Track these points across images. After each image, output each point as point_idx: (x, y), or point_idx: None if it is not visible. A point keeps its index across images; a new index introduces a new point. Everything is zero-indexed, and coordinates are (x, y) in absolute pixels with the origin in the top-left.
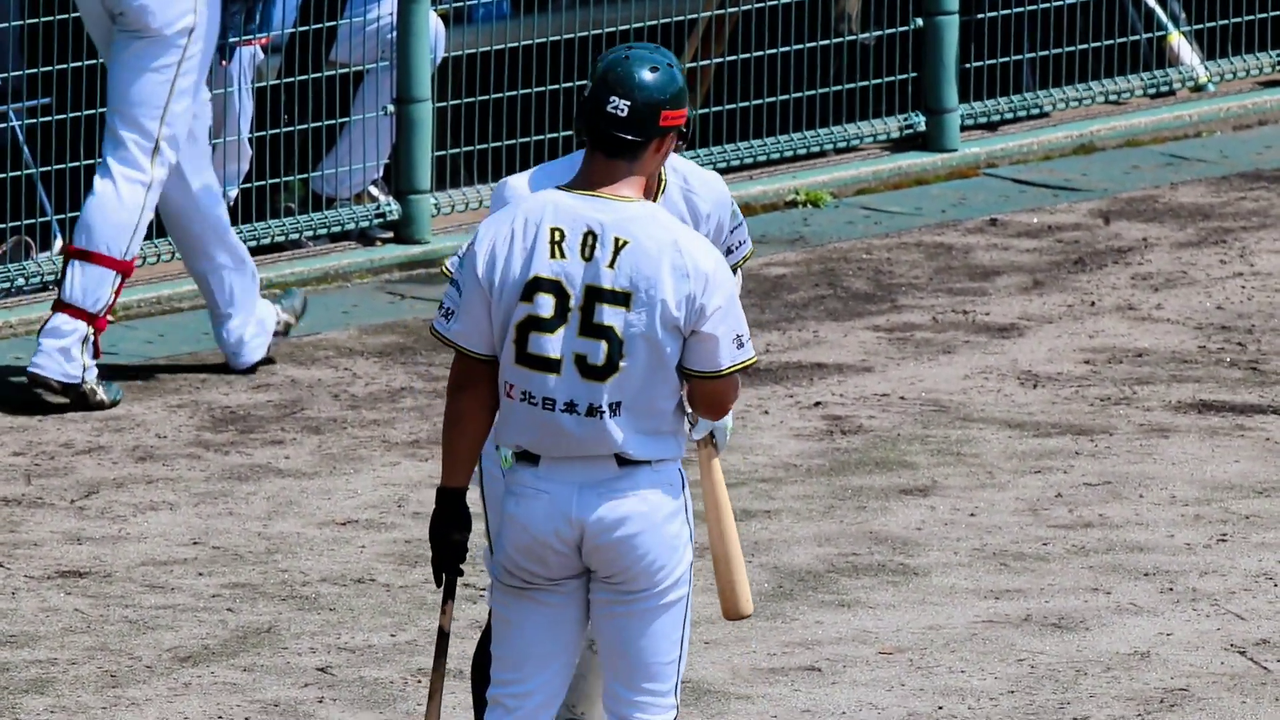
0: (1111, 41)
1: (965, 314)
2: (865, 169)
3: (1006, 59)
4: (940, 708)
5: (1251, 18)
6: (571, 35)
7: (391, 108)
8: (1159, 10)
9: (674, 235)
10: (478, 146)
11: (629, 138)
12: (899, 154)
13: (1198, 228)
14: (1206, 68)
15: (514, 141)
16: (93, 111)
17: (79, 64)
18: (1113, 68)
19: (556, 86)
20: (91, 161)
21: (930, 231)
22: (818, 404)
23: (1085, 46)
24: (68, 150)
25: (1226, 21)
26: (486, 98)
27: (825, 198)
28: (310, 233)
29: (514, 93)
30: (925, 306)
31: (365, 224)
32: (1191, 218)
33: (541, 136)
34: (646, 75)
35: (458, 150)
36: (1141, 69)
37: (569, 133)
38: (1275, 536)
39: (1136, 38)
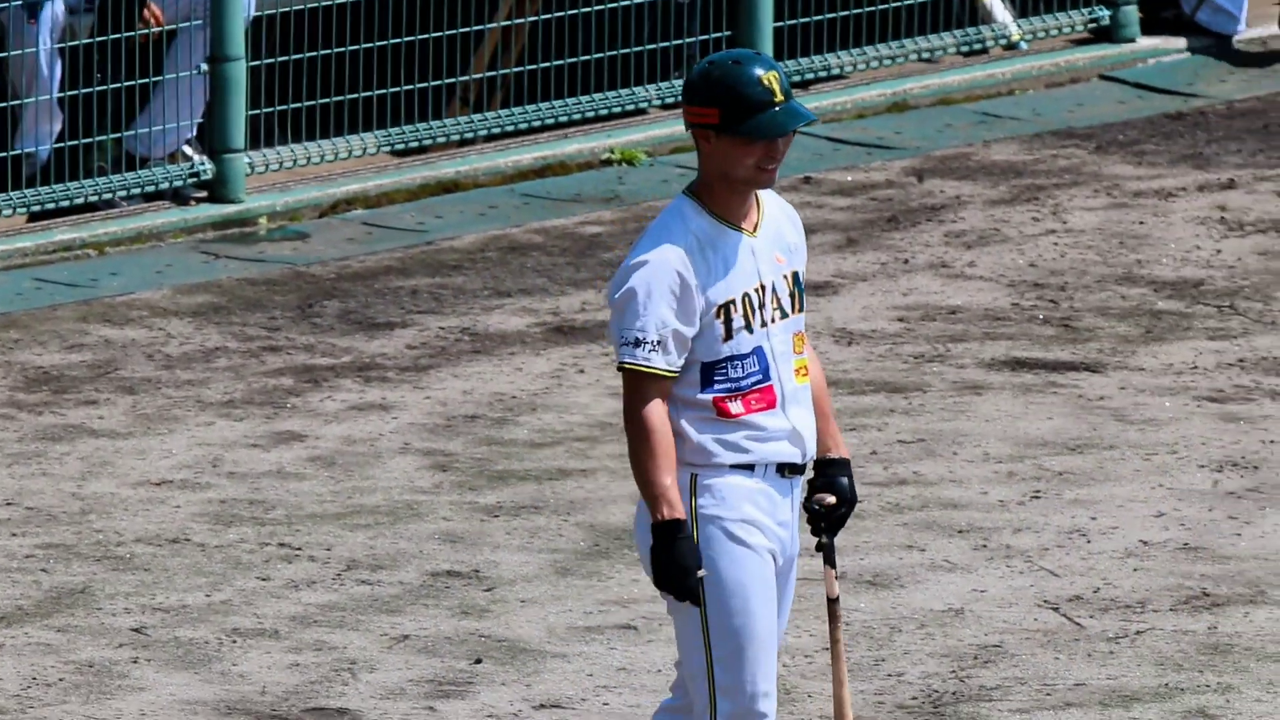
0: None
1: None
2: (680, 128)
3: (818, 18)
4: None
5: None
6: None
7: (205, 66)
8: None
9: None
10: (292, 105)
11: None
12: None
13: (1010, 185)
14: (1019, 25)
15: (329, 100)
16: None
17: None
18: (925, 25)
19: (371, 45)
20: None
21: None
22: None
23: (898, 4)
24: None
25: None
26: (301, 56)
27: (640, 156)
28: (124, 192)
29: (329, 51)
30: None
31: (179, 183)
32: (1004, 175)
33: (356, 95)
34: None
35: (272, 109)
36: (954, 27)
37: (392, 89)
38: (1088, 493)
39: None
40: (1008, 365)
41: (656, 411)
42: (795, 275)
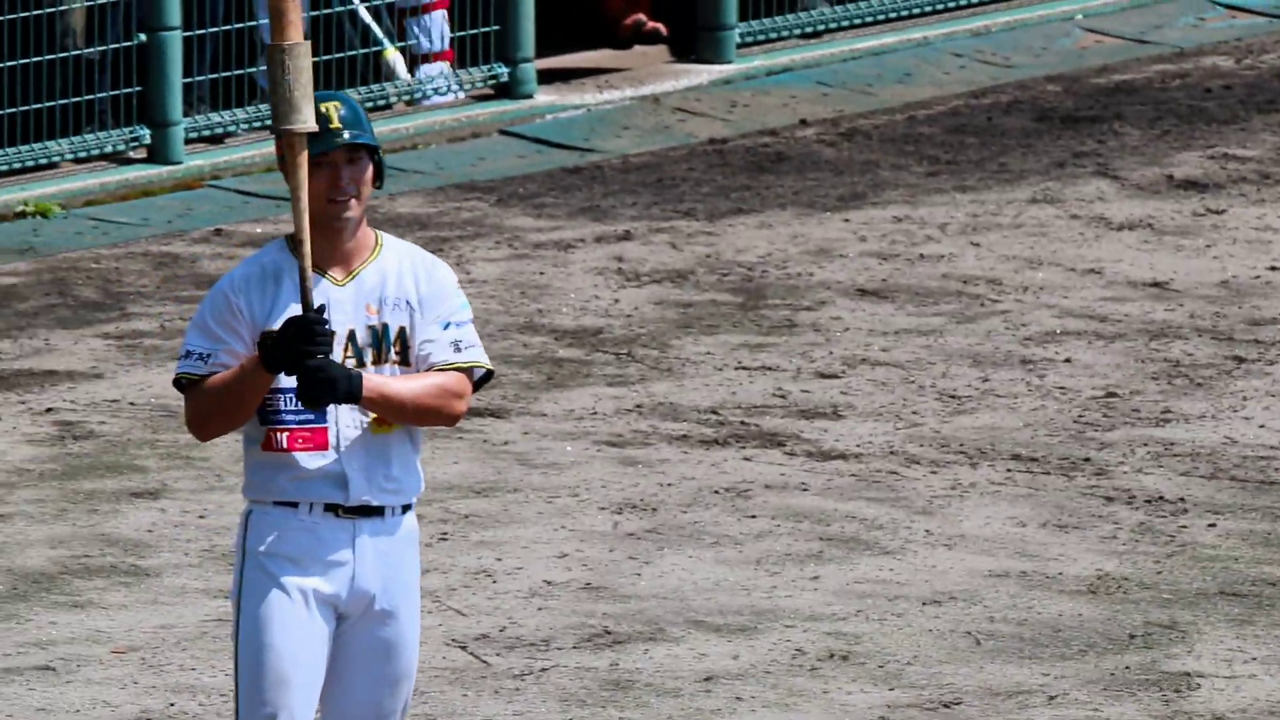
0: (329, 57)
1: (188, 320)
2: (93, 181)
3: (224, 74)
4: (173, 704)
5: (464, 34)
6: None
7: None
8: (375, 27)
9: None
10: None
11: None
12: (126, 167)
13: (415, 237)
14: (420, 82)
15: None
16: None
17: None
18: (330, 81)
19: None
20: None
21: (157, 241)
22: (49, 410)
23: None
24: None
25: None
26: None
27: (54, 209)
28: None
29: None
30: (154, 314)
31: None
32: (409, 227)
33: None
34: None
35: None
36: (359, 83)
37: None
38: (493, 535)
39: (353, 53)
40: None
41: (200, 395)
42: (385, 328)
